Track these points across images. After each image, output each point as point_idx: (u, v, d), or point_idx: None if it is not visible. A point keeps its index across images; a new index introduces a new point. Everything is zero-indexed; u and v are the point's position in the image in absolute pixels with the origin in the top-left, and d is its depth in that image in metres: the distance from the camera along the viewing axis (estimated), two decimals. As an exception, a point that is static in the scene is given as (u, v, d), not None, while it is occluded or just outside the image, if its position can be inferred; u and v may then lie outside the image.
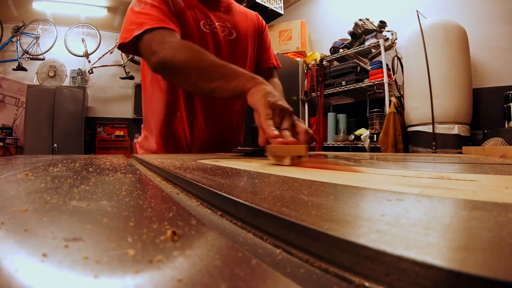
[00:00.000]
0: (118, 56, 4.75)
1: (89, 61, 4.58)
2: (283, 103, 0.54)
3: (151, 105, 0.90)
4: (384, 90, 2.36)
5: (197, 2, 0.86)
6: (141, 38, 0.72)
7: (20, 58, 4.28)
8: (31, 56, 4.36)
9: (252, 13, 1.02)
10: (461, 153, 1.18)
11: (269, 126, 0.48)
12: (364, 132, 2.54)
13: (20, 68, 4.24)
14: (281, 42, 3.42)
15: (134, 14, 0.74)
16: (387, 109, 2.28)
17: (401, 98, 2.41)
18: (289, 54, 3.26)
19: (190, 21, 0.82)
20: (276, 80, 1.01)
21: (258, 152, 0.62)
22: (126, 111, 5.00)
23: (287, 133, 0.49)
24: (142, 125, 0.98)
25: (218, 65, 0.65)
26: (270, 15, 3.11)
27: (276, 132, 0.47)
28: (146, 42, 0.71)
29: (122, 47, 0.75)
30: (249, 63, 0.96)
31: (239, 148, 0.72)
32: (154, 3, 0.75)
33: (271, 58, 1.03)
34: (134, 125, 4.93)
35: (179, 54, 0.67)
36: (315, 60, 2.94)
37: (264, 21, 1.04)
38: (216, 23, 0.87)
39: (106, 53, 4.61)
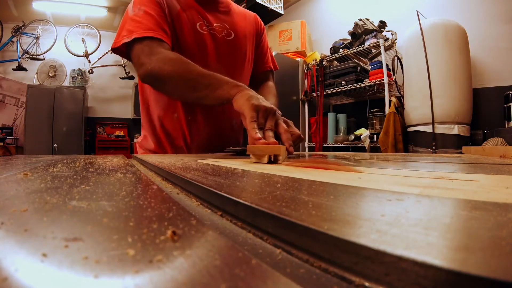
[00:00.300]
0: (118, 56, 4.66)
1: (89, 61, 4.58)
2: (266, 103, 0.58)
3: (150, 106, 0.90)
4: (384, 90, 2.36)
5: (195, 3, 0.86)
6: (131, 47, 0.74)
7: (20, 58, 4.28)
8: (31, 56, 4.36)
9: (251, 14, 1.02)
10: (461, 153, 1.18)
11: (252, 129, 0.52)
12: (364, 132, 2.54)
13: (20, 68, 4.24)
14: (281, 42, 3.42)
15: (127, 19, 0.76)
16: (387, 109, 2.28)
17: (401, 98, 2.41)
18: (289, 54, 3.26)
19: (186, 23, 0.82)
20: (271, 83, 1.02)
21: (245, 151, 0.66)
22: (126, 111, 5.00)
23: (269, 133, 0.53)
24: (142, 125, 0.99)
25: (204, 75, 0.69)
26: (270, 15, 3.11)
27: (259, 135, 0.51)
28: (135, 53, 0.73)
29: (114, 50, 0.78)
30: (247, 64, 0.96)
31: (231, 148, 0.75)
32: (147, 10, 0.76)
33: (268, 61, 1.05)
34: (134, 125, 4.93)
35: (167, 67, 0.70)
36: (315, 60, 2.94)
37: (262, 23, 1.05)
38: (214, 24, 0.87)
39: (106, 53, 4.60)
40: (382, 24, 2.60)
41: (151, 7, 0.76)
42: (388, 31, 2.57)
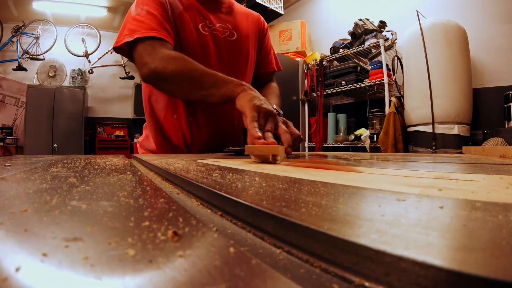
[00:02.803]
0: (118, 56, 4.75)
1: (89, 61, 4.58)
2: (268, 106, 0.59)
3: (153, 106, 0.90)
4: (384, 90, 2.36)
5: (197, 4, 0.85)
6: (133, 46, 0.74)
7: (20, 58, 4.28)
8: (31, 56, 4.36)
9: (255, 14, 1.01)
10: (461, 153, 1.18)
11: (253, 128, 0.53)
12: (364, 132, 2.54)
13: (20, 68, 4.24)
14: (281, 42, 3.42)
15: (130, 19, 0.76)
16: (387, 109, 2.28)
17: (401, 98, 2.41)
18: (289, 54, 3.26)
19: (188, 24, 0.82)
20: (274, 84, 1.02)
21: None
22: (126, 111, 4.99)
23: (269, 134, 0.54)
24: (145, 124, 0.99)
25: (209, 74, 0.70)
26: (270, 15, 3.11)
27: (259, 133, 0.51)
28: (138, 52, 0.73)
29: (116, 50, 0.78)
30: (249, 64, 0.96)
31: (230, 148, 0.76)
32: (150, 9, 0.75)
33: (271, 62, 1.04)
34: (134, 125, 4.92)
35: (170, 65, 0.70)
36: (315, 60, 2.94)
37: (266, 23, 1.04)
38: (217, 25, 0.87)
39: (106, 53, 4.60)
40: (382, 24, 2.60)
41: (153, 7, 0.76)
42: (388, 31, 2.57)
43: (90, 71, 4.60)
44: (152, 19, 0.74)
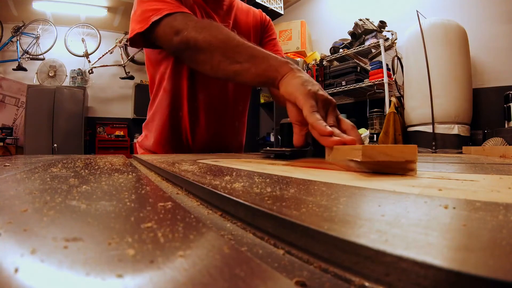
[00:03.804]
0: (118, 56, 4.75)
1: (89, 61, 4.58)
2: (325, 93, 0.47)
3: (155, 104, 0.90)
4: (384, 90, 2.36)
5: (201, 1, 0.85)
6: (158, 24, 0.67)
7: (20, 58, 4.28)
8: (31, 56, 4.36)
9: (256, 10, 1.01)
10: (461, 153, 1.18)
11: (318, 121, 0.40)
12: (364, 132, 2.54)
13: (20, 68, 4.24)
14: (281, 42, 3.42)
15: (146, 3, 0.70)
16: (387, 109, 2.28)
17: (401, 98, 2.41)
18: (289, 54, 3.26)
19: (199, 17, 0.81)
20: None
21: (298, 154, 0.50)
22: (126, 111, 4.99)
23: (337, 130, 0.41)
24: (144, 123, 0.98)
25: (247, 46, 0.59)
26: (270, 15, 3.09)
27: (329, 129, 0.39)
28: (167, 23, 0.66)
29: (134, 39, 0.71)
30: None
31: (268, 148, 0.65)
32: None
33: (278, 50, 0.99)
34: (134, 125, 4.92)
35: (205, 32, 0.62)
36: (315, 60, 2.94)
37: (268, 17, 1.03)
38: (218, 22, 0.87)
39: (106, 53, 4.60)
40: (382, 24, 2.60)
41: None
42: (388, 31, 2.57)
43: (90, 71, 4.60)
44: (174, 0, 0.71)
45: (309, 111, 0.42)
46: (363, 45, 2.63)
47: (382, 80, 2.37)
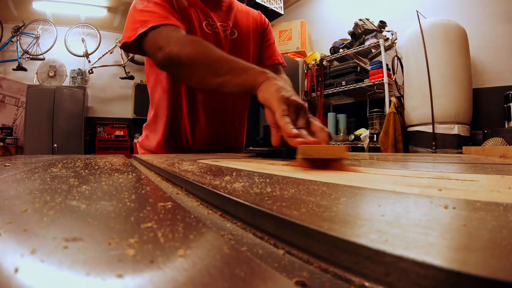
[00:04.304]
0: (118, 56, 4.75)
1: (89, 61, 4.58)
2: (297, 98, 0.51)
3: (154, 105, 0.90)
4: (384, 90, 2.37)
5: (199, 1, 0.85)
6: (145, 36, 0.70)
7: (20, 58, 4.28)
8: (31, 56, 4.36)
9: (255, 12, 1.01)
10: (461, 153, 1.18)
11: (286, 124, 0.45)
12: (364, 132, 2.54)
13: (20, 68, 4.24)
14: (281, 42, 3.42)
15: (137, 12, 0.73)
16: (387, 109, 2.28)
17: (401, 98, 2.41)
18: (289, 54, 3.26)
19: (193, 21, 0.81)
20: (284, 76, 0.97)
21: (274, 153, 0.57)
22: (126, 111, 4.99)
23: (304, 132, 0.46)
24: (144, 124, 0.98)
25: (227, 59, 0.64)
26: (270, 15, 3.11)
27: (295, 131, 0.43)
28: (152, 38, 0.70)
29: (125, 46, 0.74)
30: (251, 62, 0.95)
31: (251, 148, 0.70)
32: (157, 1, 0.74)
33: (275, 54, 1.00)
34: (134, 125, 4.92)
35: (186, 48, 0.66)
36: (315, 60, 2.94)
37: (267, 19, 1.03)
38: (218, 23, 0.87)
39: (106, 53, 4.61)
40: (382, 24, 2.60)
41: None
42: (388, 31, 2.57)
43: (90, 71, 4.60)
44: (162, 9, 0.73)
45: (280, 115, 0.46)
46: (363, 45, 2.63)
47: (382, 80, 2.37)
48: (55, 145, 4.05)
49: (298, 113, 0.50)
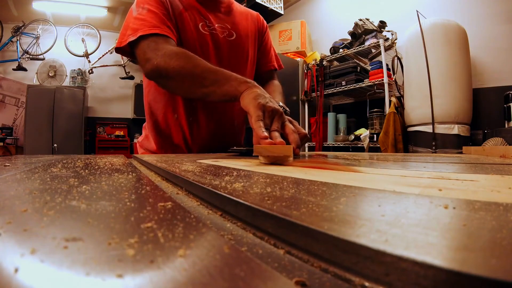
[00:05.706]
0: (118, 56, 4.75)
1: (89, 61, 4.58)
2: (273, 104, 0.56)
3: (152, 106, 0.90)
4: (384, 90, 2.36)
5: (196, 3, 0.85)
6: (136, 44, 0.73)
7: (20, 58, 4.27)
8: (31, 56, 4.36)
9: (254, 13, 1.01)
10: (461, 153, 1.18)
11: (259, 128, 0.50)
12: (364, 132, 2.54)
13: (20, 68, 4.24)
14: (281, 42, 3.42)
15: (131, 19, 0.76)
16: (387, 109, 2.28)
17: (401, 98, 2.41)
18: (289, 54, 3.26)
19: (188, 23, 0.82)
20: (276, 82, 1.01)
21: (250, 152, 0.63)
22: (126, 111, 4.99)
23: (276, 134, 0.51)
24: (144, 124, 0.98)
25: (211, 71, 0.68)
26: (270, 15, 3.11)
27: (265, 133, 0.49)
28: (141, 49, 0.73)
29: (118, 50, 0.77)
30: (249, 64, 0.95)
31: (234, 148, 0.74)
32: (151, 8, 0.76)
33: (272, 60, 1.03)
34: (134, 125, 4.92)
35: (173, 62, 0.69)
36: (315, 60, 2.94)
37: (265, 22, 1.04)
38: (216, 25, 0.87)
39: (106, 53, 4.60)
40: (382, 24, 2.60)
41: (154, 5, 0.76)
42: (388, 31, 2.57)
43: (90, 71, 4.60)
44: (153, 17, 0.75)
45: (255, 120, 0.52)
46: (363, 45, 2.63)
47: (382, 80, 2.37)
48: (55, 145, 4.05)
49: (273, 118, 0.55)
